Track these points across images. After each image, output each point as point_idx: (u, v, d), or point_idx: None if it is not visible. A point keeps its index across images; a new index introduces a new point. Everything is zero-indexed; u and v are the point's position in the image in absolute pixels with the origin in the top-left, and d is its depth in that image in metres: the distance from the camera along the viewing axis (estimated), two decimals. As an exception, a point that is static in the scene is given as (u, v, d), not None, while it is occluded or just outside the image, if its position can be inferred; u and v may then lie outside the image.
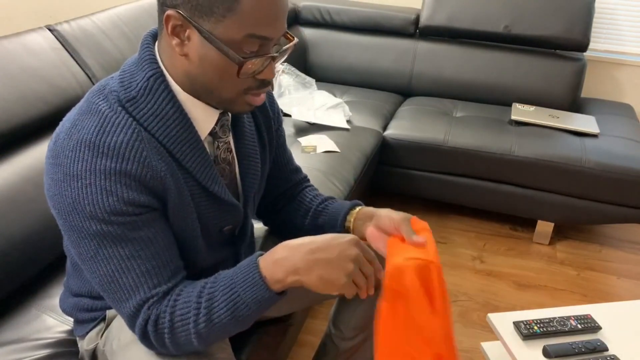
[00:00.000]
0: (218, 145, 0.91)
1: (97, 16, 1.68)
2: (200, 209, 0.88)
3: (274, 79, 2.76)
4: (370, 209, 1.03)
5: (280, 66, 2.44)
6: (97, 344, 1.00)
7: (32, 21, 1.63)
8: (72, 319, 1.07)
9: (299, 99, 2.33)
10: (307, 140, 2.05)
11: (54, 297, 1.21)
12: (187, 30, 0.76)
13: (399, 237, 0.94)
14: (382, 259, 0.91)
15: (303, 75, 2.51)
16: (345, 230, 1.04)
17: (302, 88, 2.43)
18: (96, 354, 1.00)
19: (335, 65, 2.79)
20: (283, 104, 2.30)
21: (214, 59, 0.77)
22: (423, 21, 2.65)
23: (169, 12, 0.75)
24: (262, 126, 1.02)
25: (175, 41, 0.77)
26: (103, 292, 0.82)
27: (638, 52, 2.74)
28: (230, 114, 0.92)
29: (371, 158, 2.15)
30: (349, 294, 0.81)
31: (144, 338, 0.82)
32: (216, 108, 0.87)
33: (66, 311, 1.06)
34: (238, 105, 0.84)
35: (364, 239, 1.00)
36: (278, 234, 1.18)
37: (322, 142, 2.04)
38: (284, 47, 0.84)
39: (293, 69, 2.48)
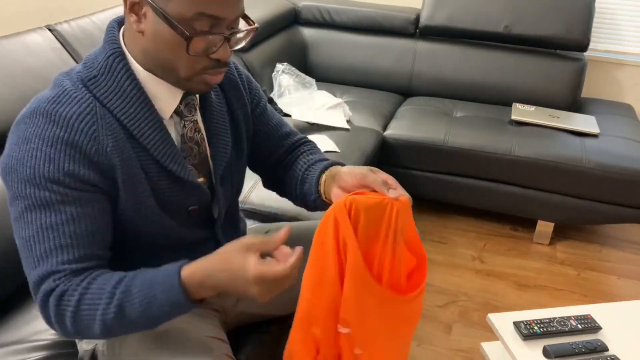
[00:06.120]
0: (184, 124, 0.91)
1: (97, 16, 1.68)
2: (159, 188, 0.88)
3: (273, 79, 2.71)
4: (336, 168, 0.97)
5: (280, 66, 2.44)
6: (97, 344, 1.00)
7: (32, 21, 1.63)
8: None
9: (299, 99, 2.32)
10: (307, 140, 2.05)
11: (54, 297, 1.20)
12: (144, 8, 0.79)
13: (364, 193, 0.89)
14: None
15: (303, 75, 2.51)
16: (320, 195, 0.99)
17: (302, 88, 2.43)
18: (96, 354, 1.00)
19: (335, 65, 2.79)
20: (283, 104, 2.30)
21: (165, 35, 0.79)
22: (423, 21, 2.65)
23: None
24: (235, 105, 1.01)
25: (133, 18, 0.81)
26: (21, 256, 0.82)
27: (638, 52, 2.74)
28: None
29: (371, 158, 2.14)
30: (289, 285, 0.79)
31: (43, 309, 0.80)
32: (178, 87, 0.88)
33: None
34: (195, 84, 0.85)
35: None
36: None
37: (322, 142, 2.04)
38: (242, 31, 0.85)
39: (293, 69, 2.48)
